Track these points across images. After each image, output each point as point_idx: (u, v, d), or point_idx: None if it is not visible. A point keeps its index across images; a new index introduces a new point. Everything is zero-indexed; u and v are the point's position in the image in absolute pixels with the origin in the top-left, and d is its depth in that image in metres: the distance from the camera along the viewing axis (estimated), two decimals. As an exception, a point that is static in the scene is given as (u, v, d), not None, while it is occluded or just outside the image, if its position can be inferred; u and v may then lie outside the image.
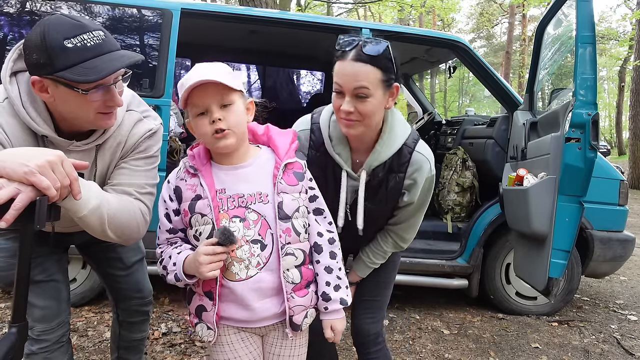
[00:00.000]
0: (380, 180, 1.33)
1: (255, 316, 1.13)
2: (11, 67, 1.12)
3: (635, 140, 12.75)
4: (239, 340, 1.18)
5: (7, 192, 0.87)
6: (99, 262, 1.62)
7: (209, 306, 1.12)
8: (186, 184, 1.11)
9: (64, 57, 1.00)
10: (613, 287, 3.95)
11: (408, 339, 2.67)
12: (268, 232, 1.12)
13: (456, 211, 3.43)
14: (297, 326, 1.17)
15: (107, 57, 1.04)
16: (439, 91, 26.36)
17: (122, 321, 1.70)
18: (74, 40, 1.01)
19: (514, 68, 24.58)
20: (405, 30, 3.31)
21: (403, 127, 1.33)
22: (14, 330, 0.95)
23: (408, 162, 1.32)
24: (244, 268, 1.10)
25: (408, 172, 1.33)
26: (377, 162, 1.31)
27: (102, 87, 1.07)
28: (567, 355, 2.57)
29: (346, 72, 1.19)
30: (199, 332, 1.16)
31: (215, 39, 3.87)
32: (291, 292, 1.14)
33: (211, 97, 1.04)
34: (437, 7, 13.64)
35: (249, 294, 1.11)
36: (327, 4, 13.97)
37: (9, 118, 1.09)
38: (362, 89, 1.18)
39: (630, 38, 16.11)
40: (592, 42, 2.13)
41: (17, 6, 2.67)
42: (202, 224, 1.10)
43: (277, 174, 1.13)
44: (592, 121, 2.10)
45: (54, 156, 0.93)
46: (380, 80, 1.19)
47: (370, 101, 1.19)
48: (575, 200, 2.16)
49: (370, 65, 1.17)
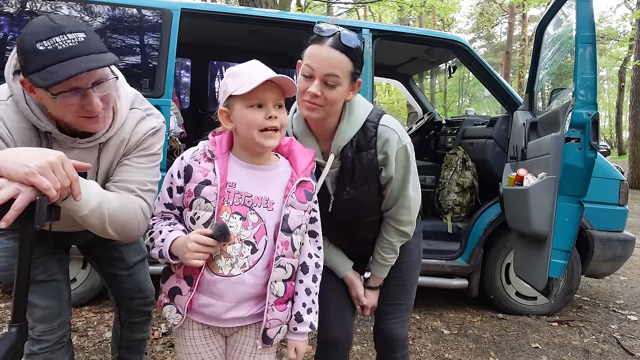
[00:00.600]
0: (352, 160, 1.34)
1: (225, 314, 1.13)
2: (14, 65, 1.12)
3: (635, 140, 12.75)
4: (201, 336, 1.19)
5: (8, 192, 0.87)
6: (101, 262, 1.62)
7: (185, 290, 1.12)
8: (199, 166, 1.12)
9: (36, 59, 1.00)
10: (613, 287, 3.95)
11: (408, 339, 2.66)
12: (263, 238, 1.12)
13: (456, 211, 3.43)
14: (269, 340, 1.16)
15: (76, 61, 1.01)
16: (439, 91, 26.35)
17: (124, 321, 1.70)
18: (45, 43, 1.00)
19: (514, 68, 24.57)
20: (405, 30, 3.31)
21: (363, 106, 1.36)
22: (14, 330, 0.95)
23: (375, 136, 1.33)
24: (229, 265, 1.10)
25: (378, 146, 1.33)
26: (344, 141, 1.32)
27: (78, 90, 1.04)
28: (567, 355, 2.57)
29: (322, 57, 1.21)
30: (166, 312, 1.16)
31: (215, 39, 3.87)
32: (273, 304, 1.14)
33: (273, 93, 1.08)
34: (437, 7, 13.63)
35: (227, 291, 1.11)
36: (327, 4, 13.97)
37: (13, 115, 1.10)
38: (333, 76, 1.21)
39: (630, 38, 16.10)
40: (592, 42, 2.13)
41: (17, 6, 2.67)
42: (202, 209, 1.10)
43: (291, 188, 1.15)
44: (592, 121, 2.10)
45: (55, 157, 0.93)
46: (350, 72, 1.23)
47: (338, 90, 1.23)
48: (575, 200, 2.16)
49: (345, 55, 1.21)
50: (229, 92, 1.08)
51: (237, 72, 1.09)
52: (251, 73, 1.07)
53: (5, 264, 1.35)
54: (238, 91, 1.06)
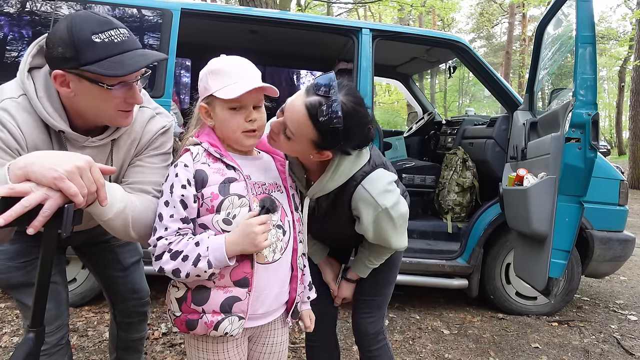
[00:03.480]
0: (325, 208, 1.33)
1: (269, 307, 1.15)
2: (30, 63, 1.12)
3: (635, 140, 12.74)
4: (234, 347, 1.14)
5: (36, 197, 0.86)
6: (96, 263, 1.62)
7: (243, 294, 1.07)
8: (211, 168, 1.09)
9: (92, 51, 1.00)
10: (613, 287, 3.95)
11: (408, 339, 2.67)
12: (286, 219, 1.18)
13: (456, 211, 3.43)
14: (296, 313, 1.24)
15: (132, 54, 1.05)
16: (439, 91, 26.33)
17: (120, 322, 1.70)
18: (101, 36, 1.02)
19: (514, 68, 24.57)
20: (405, 30, 3.31)
21: (354, 162, 1.25)
22: (32, 336, 0.94)
23: (351, 195, 1.28)
24: (272, 252, 1.13)
25: (352, 204, 1.29)
26: (320, 193, 1.28)
27: (124, 84, 1.07)
28: (567, 355, 2.57)
29: (292, 105, 1.12)
30: (225, 328, 1.06)
31: (215, 39, 3.87)
32: (300, 277, 1.21)
33: (252, 96, 1.09)
34: (437, 7, 13.62)
35: (273, 279, 1.14)
36: (327, 4, 13.97)
37: (24, 114, 1.08)
38: (289, 130, 1.12)
39: (630, 38, 16.10)
40: (592, 42, 2.13)
41: (17, 6, 2.66)
42: (237, 206, 1.07)
43: (285, 170, 1.23)
44: (592, 121, 2.10)
45: (83, 162, 0.91)
46: (311, 139, 1.13)
47: (291, 144, 1.15)
48: (575, 200, 2.16)
49: (311, 120, 1.09)
50: (211, 91, 1.08)
51: (220, 70, 1.08)
52: (235, 75, 1.06)
53: (2, 267, 1.33)
54: (221, 94, 1.06)
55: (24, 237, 1.08)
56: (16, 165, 0.89)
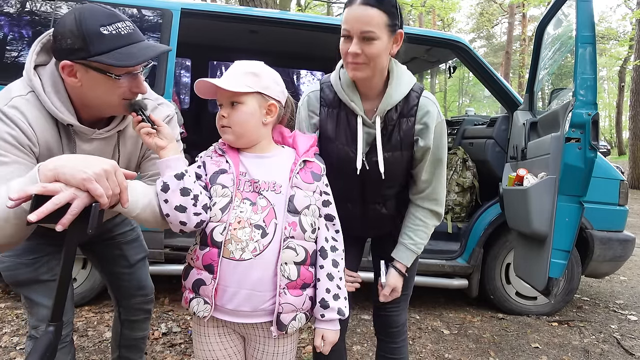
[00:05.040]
0: (393, 124, 1.36)
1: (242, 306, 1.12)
2: (35, 60, 1.15)
3: (635, 140, 12.75)
4: (215, 334, 1.20)
5: (66, 196, 0.91)
6: (102, 260, 1.63)
7: (208, 280, 1.13)
8: (211, 160, 1.19)
9: (100, 42, 1.05)
10: (613, 287, 3.95)
11: (408, 339, 2.67)
12: (273, 221, 1.14)
13: (456, 211, 3.43)
14: (283, 326, 1.14)
15: (139, 45, 1.10)
16: (439, 91, 26.36)
17: (124, 319, 1.70)
18: (109, 28, 1.06)
19: (514, 68, 24.58)
20: (405, 30, 3.30)
21: (408, 75, 1.38)
22: (52, 329, 0.99)
23: (417, 105, 1.35)
24: (239, 250, 1.11)
25: (418, 115, 1.36)
26: (390, 105, 1.33)
27: (130, 74, 1.12)
28: (567, 355, 2.57)
29: (354, 15, 1.22)
30: (194, 307, 1.15)
31: (215, 39, 3.88)
32: (284, 287, 1.13)
33: (224, 95, 1.16)
34: (437, 7, 13.64)
35: (243, 276, 1.11)
36: (327, 4, 13.97)
37: (34, 110, 1.11)
38: (369, 32, 1.21)
39: (630, 38, 16.12)
40: (592, 42, 2.13)
41: (17, 6, 2.67)
42: (219, 195, 1.14)
43: (294, 169, 1.18)
44: (592, 121, 2.10)
45: (110, 166, 0.97)
46: (386, 24, 1.24)
47: (376, 44, 1.23)
48: (575, 200, 2.16)
49: (376, 9, 1.21)
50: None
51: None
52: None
53: (10, 264, 1.35)
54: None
55: (33, 235, 1.15)
56: (46, 166, 0.94)
